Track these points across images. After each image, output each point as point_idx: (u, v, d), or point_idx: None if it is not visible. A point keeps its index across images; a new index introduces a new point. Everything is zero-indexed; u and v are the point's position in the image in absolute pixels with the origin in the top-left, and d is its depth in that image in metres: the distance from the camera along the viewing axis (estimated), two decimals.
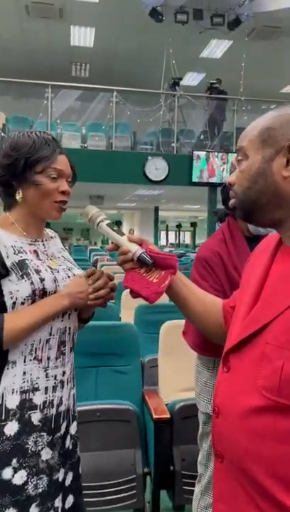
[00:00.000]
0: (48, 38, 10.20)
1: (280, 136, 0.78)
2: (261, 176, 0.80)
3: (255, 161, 0.81)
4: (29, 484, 1.13)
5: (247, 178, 0.82)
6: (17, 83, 9.27)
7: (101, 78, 10.80)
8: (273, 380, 0.72)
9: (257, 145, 0.81)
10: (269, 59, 10.64)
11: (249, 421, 0.74)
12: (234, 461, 0.77)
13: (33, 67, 11.24)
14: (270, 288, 0.81)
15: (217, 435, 0.83)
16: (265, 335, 0.75)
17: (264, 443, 0.72)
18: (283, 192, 0.79)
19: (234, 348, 0.81)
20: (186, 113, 9.67)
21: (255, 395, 0.74)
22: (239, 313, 0.85)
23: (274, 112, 0.82)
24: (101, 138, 9.42)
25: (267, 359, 0.73)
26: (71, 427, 1.26)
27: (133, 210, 18.64)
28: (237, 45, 9.88)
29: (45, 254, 1.25)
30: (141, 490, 1.89)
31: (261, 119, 0.83)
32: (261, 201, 0.81)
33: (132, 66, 11.29)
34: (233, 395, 0.79)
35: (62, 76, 10.87)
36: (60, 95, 9.37)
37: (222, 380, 0.83)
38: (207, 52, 10.73)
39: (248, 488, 0.75)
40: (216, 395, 0.85)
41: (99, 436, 1.90)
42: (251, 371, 0.76)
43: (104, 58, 11.13)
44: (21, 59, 11.11)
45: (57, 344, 1.19)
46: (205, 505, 1.59)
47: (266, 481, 0.72)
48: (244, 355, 0.78)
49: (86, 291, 1.18)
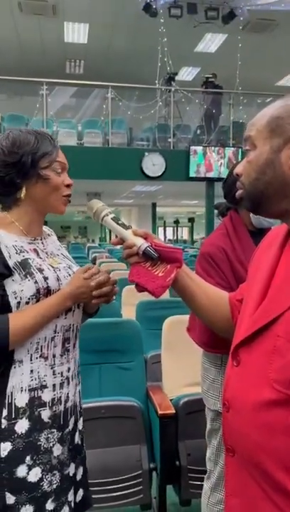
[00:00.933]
0: (42, 34, 10.13)
1: (288, 125, 0.78)
2: (270, 166, 0.79)
3: (263, 152, 0.80)
4: (44, 481, 1.14)
5: (255, 168, 0.81)
6: (11, 81, 9.23)
7: (96, 74, 10.76)
8: (285, 373, 0.71)
9: (265, 135, 0.80)
10: (264, 52, 10.61)
11: (260, 414, 0.74)
12: (246, 455, 0.77)
13: (26, 65, 11.18)
14: (280, 280, 0.80)
15: (228, 429, 0.82)
16: (276, 328, 0.74)
17: (276, 436, 0.72)
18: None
19: (244, 342, 0.80)
20: (182, 108, 9.64)
21: (266, 389, 0.73)
22: (248, 307, 0.85)
23: (281, 101, 0.81)
24: (97, 135, 9.38)
25: (279, 352, 0.73)
26: (79, 422, 1.28)
27: (131, 206, 18.63)
28: (231, 39, 9.84)
29: (44, 252, 1.25)
30: (147, 485, 1.89)
31: (268, 109, 0.82)
32: (269, 192, 0.80)
33: (127, 62, 11.24)
34: (244, 389, 0.78)
35: (57, 73, 10.83)
36: (54, 92, 9.32)
37: (232, 374, 0.83)
38: (202, 46, 10.69)
39: (261, 481, 0.75)
40: (226, 390, 0.84)
41: (104, 432, 1.89)
42: (263, 364, 0.75)
43: (98, 54, 11.08)
44: (15, 56, 11.05)
45: (61, 341, 1.20)
46: (215, 502, 1.59)
47: (278, 474, 0.72)
48: (255, 349, 0.78)
49: (88, 290, 1.17)
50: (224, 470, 0.85)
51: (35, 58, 11.19)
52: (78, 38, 10.37)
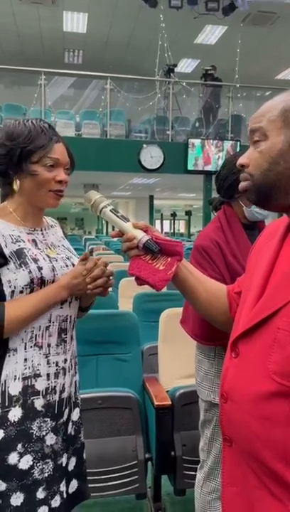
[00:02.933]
0: (40, 24, 10.03)
1: None
2: (283, 157, 0.79)
3: (277, 142, 0.79)
4: (35, 469, 1.15)
5: (268, 159, 0.80)
6: (9, 70, 9.14)
7: (94, 65, 10.69)
8: (285, 365, 0.72)
9: (279, 125, 0.79)
10: (264, 45, 10.56)
11: (260, 406, 0.75)
12: (244, 445, 0.78)
13: (25, 54, 11.08)
14: (281, 273, 0.80)
15: (226, 420, 0.83)
16: (277, 320, 0.74)
17: (275, 428, 0.73)
18: None
19: (244, 334, 0.80)
20: (181, 100, 9.59)
21: (266, 380, 0.74)
22: (248, 300, 0.85)
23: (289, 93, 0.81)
24: (95, 126, 9.34)
25: (279, 344, 0.73)
26: (73, 413, 1.29)
27: (128, 198, 18.59)
28: (231, 31, 9.78)
29: (44, 243, 1.25)
30: (142, 475, 1.91)
31: (278, 100, 0.81)
32: (281, 183, 0.80)
33: (126, 52, 11.16)
34: (243, 381, 0.79)
35: (55, 63, 10.73)
36: (53, 82, 9.25)
37: (231, 365, 0.83)
38: (202, 38, 10.62)
39: (258, 471, 0.76)
40: (224, 381, 0.85)
41: (100, 423, 1.91)
42: (262, 356, 0.75)
43: (97, 45, 10.99)
44: (13, 46, 10.94)
45: (57, 331, 1.20)
46: (208, 491, 1.62)
47: (276, 465, 0.73)
48: (255, 341, 0.78)
49: (84, 281, 1.18)
50: (221, 460, 0.86)
51: (34, 48, 11.09)
52: (77, 28, 10.28)
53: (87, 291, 1.19)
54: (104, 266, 1.20)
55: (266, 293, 0.81)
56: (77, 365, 1.32)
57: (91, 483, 1.82)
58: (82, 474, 1.32)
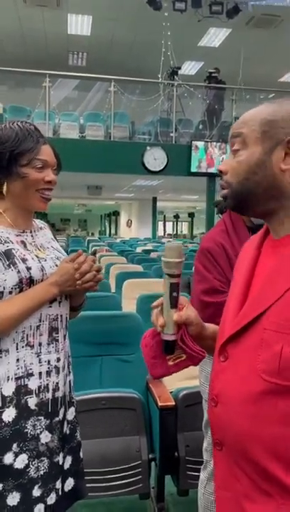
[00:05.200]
0: (45, 26, 10.08)
1: (280, 129, 0.80)
2: (261, 167, 0.81)
3: (255, 152, 0.81)
4: (31, 467, 1.16)
5: (246, 168, 0.82)
6: (13, 72, 9.20)
7: (98, 67, 10.73)
8: (273, 363, 0.74)
9: (257, 135, 0.81)
10: (267, 47, 10.57)
11: (250, 405, 0.77)
12: (236, 447, 0.79)
13: (29, 56, 11.14)
14: (262, 278, 0.83)
15: (217, 424, 0.84)
16: (263, 322, 0.77)
17: (266, 426, 0.75)
18: (280, 184, 0.81)
19: (232, 338, 0.82)
20: (185, 102, 9.62)
21: (256, 380, 0.76)
22: (231, 305, 0.87)
23: (274, 104, 0.83)
24: (99, 128, 9.37)
25: (266, 344, 0.76)
26: (68, 412, 1.30)
27: (132, 200, 18.61)
28: (235, 34, 9.80)
29: (33, 245, 1.27)
30: (146, 475, 1.92)
31: (261, 109, 0.83)
32: (258, 192, 0.82)
33: (130, 55, 11.20)
34: (233, 383, 0.80)
35: (59, 65, 10.78)
36: (57, 85, 9.30)
37: (219, 369, 0.85)
38: (206, 40, 10.65)
39: (251, 472, 0.77)
40: (213, 385, 0.86)
41: (104, 423, 1.92)
42: (251, 357, 0.78)
43: (101, 47, 11.03)
44: (18, 48, 11.00)
45: (47, 330, 1.21)
46: (211, 491, 1.63)
47: (268, 463, 0.74)
48: (243, 343, 0.80)
49: (73, 277, 1.20)
50: (213, 464, 0.87)
51: (38, 50, 11.15)
52: (81, 30, 10.32)
53: (77, 287, 1.21)
54: (92, 261, 1.22)
55: (250, 297, 0.84)
56: (70, 365, 1.33)
57: (94, 483, 1.84)
58: (78, 472, 1.32)
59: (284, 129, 0.80)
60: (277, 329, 0.75)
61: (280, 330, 0.75)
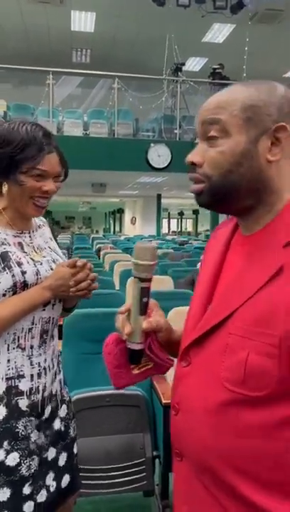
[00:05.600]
0: (48, 23, 10.06)
1: (265, 115, 0.72)
2: (247, 158, 0.72)
3: (240, 141, 0.72)
4: (22, 466, 1.18)
5: (230, 160, 0.72)
6: (17, 70, 9.19)
7: (102, 64, 10.70)
8: (237, 371, 0.68)
9: (240, 122, 0.72)
10: (272, 43, 10.51)
11: (212, 416, 0.71)
12: (197, 459, 0.74)
13: (32, 54, 11.12)
14: (229, 278, 0.77)
15: (177, 433, 0.79)
16: (228, 325, 0.71)
17: (229, 438, 0.69)
18: (265, 176, 0.73)
19: (195, 342, 0.76)
20: (189, 99, 9.59)
21: (218, 388, 0.70)
22: (195, 306, 0.81)
23: (249, 87, 0.74)
24: (103, 125, 9.35)
25: (231, 350, 0.70)
26: (60, 410, 1.31)
27: (136, 197, 18.60)
28: (239, 29, 9.74)
29: (30, 246, 1.26)
30: (150, 473, 1.92)
31: (236, 92, 0.74)
32: (241, 186, 0.73)
33: (133, 51, 11.16)
34: (195, 390, 0.75)
35: (63, 62, 10.76)
36: (60, 82, 9.29)
37: (181, 375, 0.79)
38: (210, 36, 10.60)
39: (211, 487, 0.72)
40: (175, 392, 0.80)
41: (108, 421, 1.92)
42: (214, 364, 0.72)
43: (105, 44, 11.00)
44: (21, 45, 10.99)
45: (39, 333, 1.22)
46: None
47: (230, 477, 0.69)
48: (206, 348, 0.74)
49: (67, 283, 1.19)
50: (173, 477, 0.82)
51: (42, 47, 11.13)
52: (85, 27, 10.30)
53: (71, 294, 1.20)
54: (88, 270, 1.21)
55: (215, 298, 0.77)
56: (60, 364, 1.33)
57: (99, 480, 1.84)
58: (72, 467, 1.34)
59: (271, 117, 0.72)
60: (243, 334, 0.69)
61: (246, 335, 0.68)
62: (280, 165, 0.73)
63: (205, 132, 0.75)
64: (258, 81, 0.76)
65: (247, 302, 0.70)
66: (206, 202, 0.77)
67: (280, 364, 0.65)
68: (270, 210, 0.75)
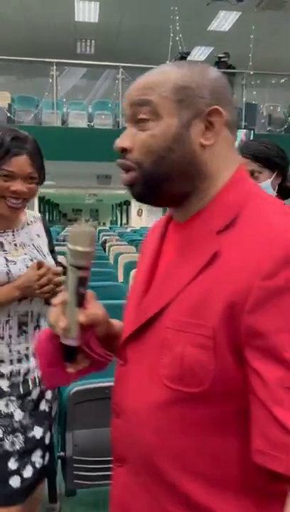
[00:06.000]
0: (52, 13, 9.98)
1: (198, 98, 0.68)
2: (179, 143, 0.68)
3: (171, 124, 0.67)
4: (5, 441, 1.30)
5: (162, 144, 0.68)
6: (21, 62, 9.15)
7: (107, 55, 10.61)
8: (175, 367, 0.65)
9: (172, 104, 0.67)
10: (278, 30, 10.33)
11: (155, 416, 0.68)
12: (140, 463, 0.70)
13: (36, 45, 11.06)
14: (164, 269, 0.73)
15: (118, 437, 0.75)
16: (164, 319, 0.67)
17: (174, 438, 0.67)
18: (199, 162, 0.69)
19: (131, 337, 0.72)
20: None
21: (159, 387, 0.67)
22: (132, 300, 0.77)
23: (182, 68, 0.70)
24: (107, 116, 9.31)
25: (168, 345, 0.66)
26: (46, 393, 1.43)
27: None
28: (245, 17, 9.59)
29: (12, 243, 1.36)
30: None
31: (166, 72, 0.70)
32: (173, 173, 0.69)
33: (138, 41, 11.05)
34: (135, 391, 0.71)
35: (67, 53, 10.70)
36: (65, 73, 9.24)
37: (119, 375, 0.75)
38: (216, 24, 10.45)
39: (153, 488, 0.69)
40: (115, 393, 0.76)
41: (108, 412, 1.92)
42: (153, 361, 0.68)
43: (109, 34, 10.90)
44: (24, 37, 10.93)
45: (17, 325, 1.34)
46: None
47: (177, 478, 0.66)
48: (144, 344, 0.70)
49: (33, 284, 1.29)
50: (111, 485, 0.79)
51: (46, 38, 11.06)
52: (89, 17, 10.20)
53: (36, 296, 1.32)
54: (52, 275, 1.30)
55: (150, 292, 0.73)
56: None
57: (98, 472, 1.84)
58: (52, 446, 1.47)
59: (204, 99, 0.68)
60: (178, 327, 0.65)
61: (181, 328, 0.64)
62: (214, 150, 0.70)
63: (134, 114, 0.70)
64: (190, 62, 0.72)
65: (181, 293, 0.66)
66: (139, 193, 0.72)
67: (215, 356, 0.62)
68: (203, 196, 0.71)
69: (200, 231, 0.69)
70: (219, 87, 0.70)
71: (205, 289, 0.63)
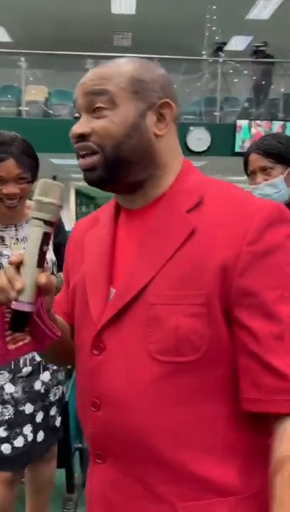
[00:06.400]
0: (88, 6, 10.01)
1: (151, 91, 0.74)
2: (137, 130, 0.73)
3: (129, 114, 0.72)
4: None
5: (121, 131, 0.72)
6: (57, 56, 9.24)
7: (143, 47, 10.54)
8: (169, 340, 0.67)
9: (128, 95, 0.72)
10: None
11: (147, 394, 0.69)
12: (129, 453, 0.71)
13: (73, 39, 11.12)
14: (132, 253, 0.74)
15: (100, 431, 0.74)
16: (145, 297, 0.69)
17: (168, 412, 0.68)
18: (154, 151, 0.75)
19: (108, 324, 0.72)
20: (231, 80, 9.29)
21: (149, 365, 0.68)
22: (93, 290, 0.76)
23: (136, 62, 0.75)
24: None
25: (157, 321, 0.68)
26: (42, 375, 1.54)
27: None
28: (287, 4, 9.26)
29: (14, 238, 1.47)
30: None
31: (121, 64, 0.74)
32: (133, 159, 0.73)
33: (174, 32, 10.90)
34: (119, 376, 0.71)
35: (104, 46, 10.70)
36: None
37: (94, 365, 0.73)
38: (255, 13, 10.13)
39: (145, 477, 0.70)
40: (91, 387, 0.74)
41: None
42: (138, 341, 0.69)
43: (146, 26, 10.81)
44: (60, 30, 11.01)
45: None
46: None
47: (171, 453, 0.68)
48: (124, 328, 0.71)
49: None
50: (87, 484, 0.79)
51: (82, 32, 11.11)
52: (126, 9, 10.16)
53: None
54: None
55: (121, 276, 0.74)
56: None
57: None
58: (48, 428, 1.56)
59: (157, 93, 0.74)
60: (167, 301, 0.68)
61: (171, 301, 0.68)
62: (165, 140, 0.76)
63: (89, 103, 0.73)
64: (139, 58, 0.77)
65: (163, 269, 0.69)
66: (99, 176, 0.74)
67: (209, 322, 0.67)
68: (158, 184, 0.77)
69: (166, 213, 0.74)
70: (167, 82, 0.77)
71: (192, 262, 0.68)
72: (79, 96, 0.75)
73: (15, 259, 0.68)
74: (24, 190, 1.42)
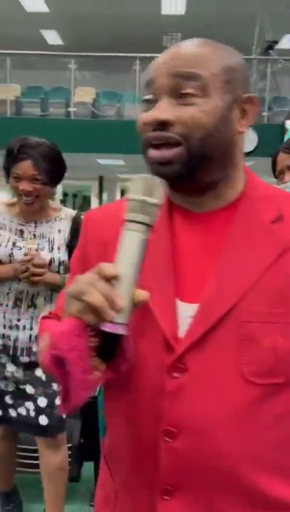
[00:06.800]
0: (138, 8, 10.08)
1: (239, 83, 0.66)
2: (226, 124, 0.64)
3: (218, 105, 0.63)
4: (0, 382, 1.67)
5: (212, 122, 0.63)
6: (107, 57, 9.38)
7: None
8: (266, 361, 0.62)
9: (220, 84, 0.64)
10: None
11: (237, 419, 0.63)
12: (208, 483, 0.64)
13: (122, 40, 11.24)
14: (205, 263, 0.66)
15: (174, 464, 0.64)
16: (237, 314, 0.62)
17: (257, 436, 0.63)
18: (234, 149, 0.67)
19: (192, 345, 0.63)
20: (280, 79, 9.06)
21: (241, 386, 0.62)
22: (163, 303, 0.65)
23: (227, 49, 0.67)
24: None
25: (252, 340, 0.62)
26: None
27: None
28: None
29: (32, 233, 1.62)
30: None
31: (216, 49, 0.66)
32: (216, 156, 0.65)
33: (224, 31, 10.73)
34: (203, 400, 0.63)
35: (153, 47, 10.72)
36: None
37: (176, 389, 0.64)
38: None
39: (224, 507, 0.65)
40: (168, 413, 0.64)
41: None
42: (227, 361, 0.63)
43: (195, 25, 10.73)
44: (110, 32, 11.15)
45: (13, 299, 1.64)
46: None
47: (256, 479, 0.64)
48: (209, 348, 0.63)
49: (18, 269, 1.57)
50: None
51: (132, 33, 11.20)
52: (175, 10, 10.15)
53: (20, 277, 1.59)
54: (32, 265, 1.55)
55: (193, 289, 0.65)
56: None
57: None
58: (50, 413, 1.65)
59: (243, 86, 0.67)
60: (263, 319, 0.62)
61: (266, 320, 0.62)
62: (242, 140, 0.68)
63: (176, 87, 0.63)
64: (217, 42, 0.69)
65: (256, 284, 0.63)
66: (177, 172, 0.64)
67: None
68: (233, 185, 0.69)
69: (248, 222, 0.67)
70: (248, 75, 0.70)
71: (285, 277, 0.63)
72: (160, 76, 0.64)
73: (112, 272, 0.55)
74: (39, 190, 1.56)
